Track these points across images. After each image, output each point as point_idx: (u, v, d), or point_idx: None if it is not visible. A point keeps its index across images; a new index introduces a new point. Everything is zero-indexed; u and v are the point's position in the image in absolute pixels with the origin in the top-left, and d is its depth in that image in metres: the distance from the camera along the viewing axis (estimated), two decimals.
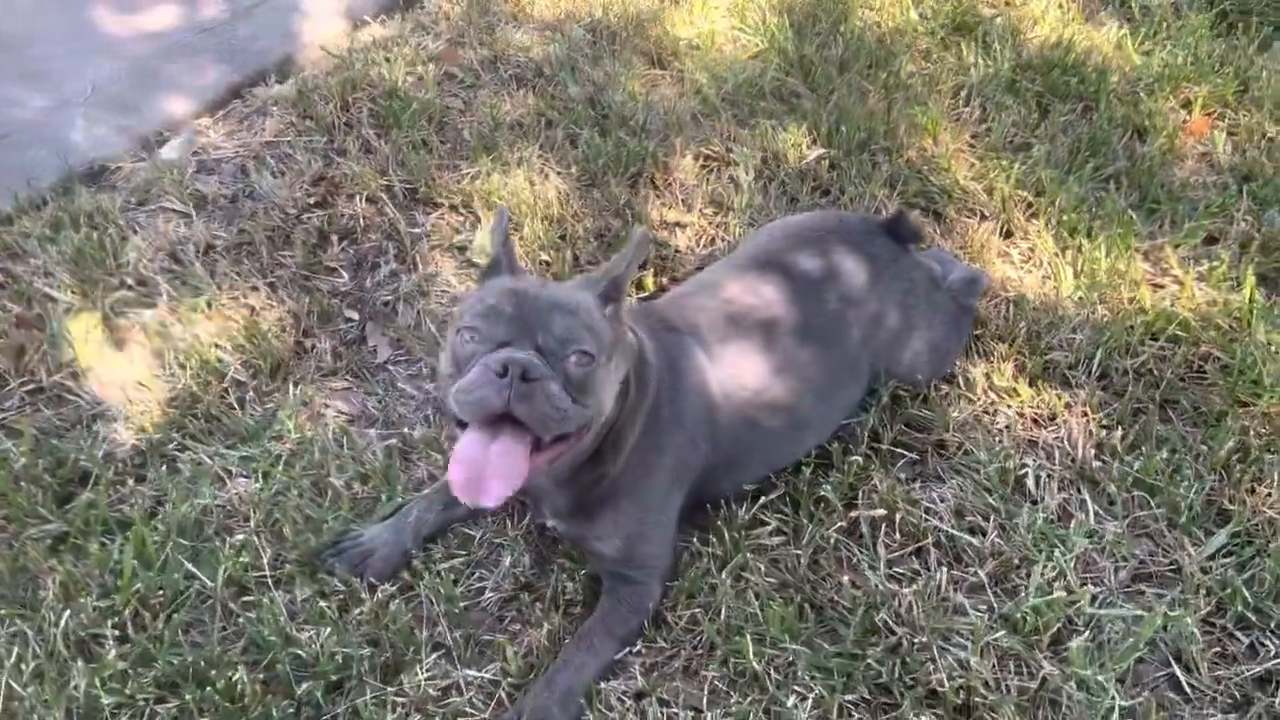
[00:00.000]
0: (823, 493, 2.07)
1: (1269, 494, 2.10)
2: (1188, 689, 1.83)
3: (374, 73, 3.23)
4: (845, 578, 1.95)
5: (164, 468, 2.13)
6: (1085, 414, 2.28)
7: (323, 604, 1.87)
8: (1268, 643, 1.88)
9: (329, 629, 1.82)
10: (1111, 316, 2.51)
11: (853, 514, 2.07)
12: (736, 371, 2.01)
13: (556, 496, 1.85)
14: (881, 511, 2.06)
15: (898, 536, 2.04)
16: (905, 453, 2.21)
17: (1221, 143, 3.16)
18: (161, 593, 1.88)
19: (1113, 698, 1.76)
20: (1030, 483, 2.14)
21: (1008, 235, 2.82)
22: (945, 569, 1.97)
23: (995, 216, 2.84)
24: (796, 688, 1.78)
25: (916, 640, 1.82)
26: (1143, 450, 2.19)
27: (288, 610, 1.86)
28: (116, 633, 1.80)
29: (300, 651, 1.79)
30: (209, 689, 1.71)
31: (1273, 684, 1.83)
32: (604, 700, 1.77)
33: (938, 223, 2.85)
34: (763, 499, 2.08)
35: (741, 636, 1.83)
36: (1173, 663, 1.86)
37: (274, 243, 2.69)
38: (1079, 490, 2.14)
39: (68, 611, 1.81)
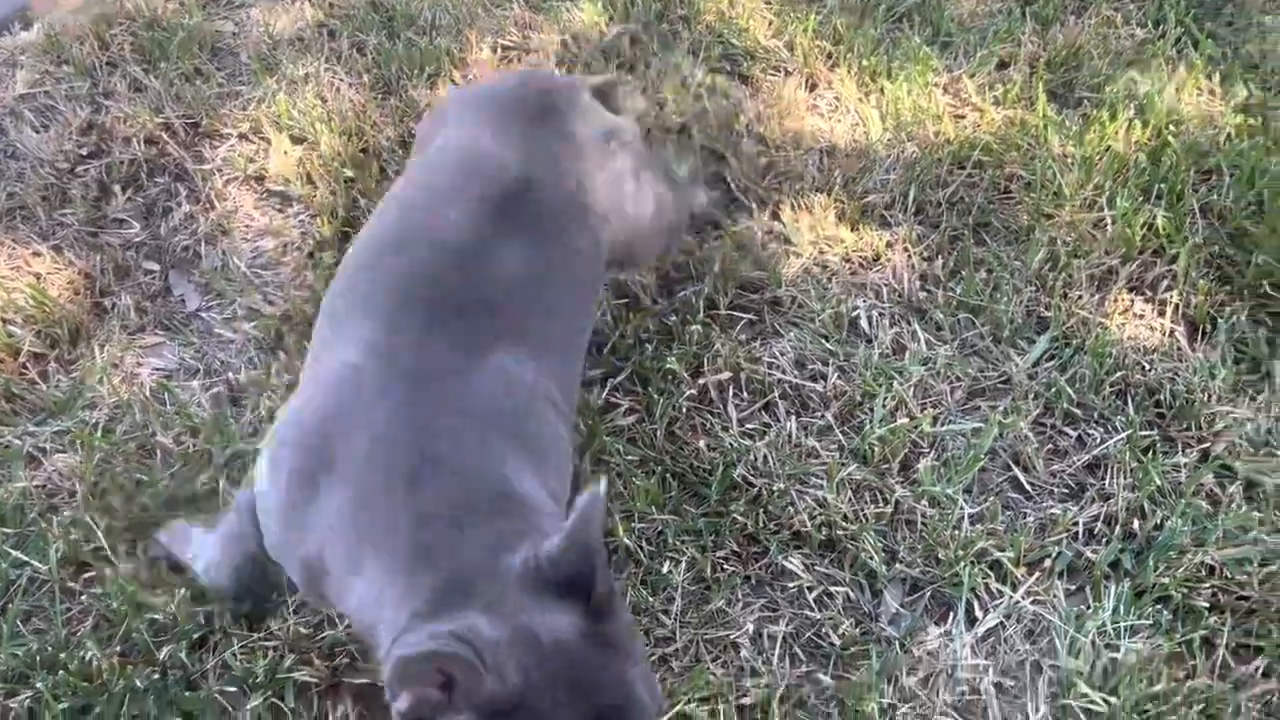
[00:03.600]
0: (669, 365, 2.08)
1: (1080, 296, 2.22)
2: (1028, 487, 1.94)
3: (129, 4, 2.97)
4: (701, 442, 1.98)
5: None
6: (906, 249, 2.35)
7: None
8: (1093, 432, 2.01)
9: (183, 588, 1.74)
10: (920, 152, 2.57)
11: (700, 381, 2.09)
12: None
13: None
14: (727, 374, 2.09)
15: (745, 395, 2.08)
16: (742, 315, 2.23)
17: None
18: None
19: (961, 507, 1.86)
20: (863, 323, 2.20)
21: (813, 88, 2.83)
22: (794, 418, 2.02)
23: (799, 71, 2.86)
24: (669, 554, 1.81)
25: (775, 488, 1.87)
26: (963, 275, 2.28)
27: (135, 578, 1.76)
28: None
29: (156, 616, 1.71)
30: (61, 673, 1.61)
31: (1100, 469, 1.96)
32: None
33: (745, 84, 2.84)
34: (611, 381, 2.08)
35: (610, 516, 1.83)
36: (1012, 466, 1.97)
37: (50, 202, 2.46)
38: (909, 322, 2.21)
39: None
